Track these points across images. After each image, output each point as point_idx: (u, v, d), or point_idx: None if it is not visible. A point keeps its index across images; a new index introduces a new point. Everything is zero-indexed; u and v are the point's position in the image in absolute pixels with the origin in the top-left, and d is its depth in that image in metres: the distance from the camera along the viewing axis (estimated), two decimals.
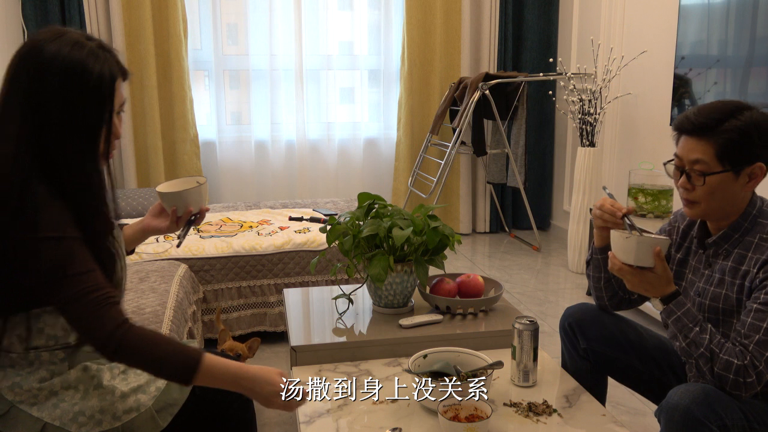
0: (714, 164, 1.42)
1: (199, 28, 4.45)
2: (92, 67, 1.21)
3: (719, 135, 1.41)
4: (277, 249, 2.82)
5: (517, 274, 3.93)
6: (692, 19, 3.12)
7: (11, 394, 1.26)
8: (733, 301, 1.47)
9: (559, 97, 4.38)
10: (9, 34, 3.82)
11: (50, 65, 1.19)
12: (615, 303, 1.75)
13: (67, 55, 1.19)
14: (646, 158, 3.53)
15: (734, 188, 1.44)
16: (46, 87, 1.19)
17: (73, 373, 1.31)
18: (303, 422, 1.47)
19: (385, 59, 4.72)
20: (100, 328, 1.18)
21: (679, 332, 1.43)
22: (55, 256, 1.17)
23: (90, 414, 1.29)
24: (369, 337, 1.85)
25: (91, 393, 1.31)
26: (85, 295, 1.18)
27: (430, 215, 1.94)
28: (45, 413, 1.27)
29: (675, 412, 1.34)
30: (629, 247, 1.43)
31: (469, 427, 1.32)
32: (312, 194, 4.69)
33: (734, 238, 1.49)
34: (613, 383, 1.82)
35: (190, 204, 1.52)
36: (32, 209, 1.16)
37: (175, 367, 1.22)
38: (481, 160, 4.85)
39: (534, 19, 4.67)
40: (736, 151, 1.41)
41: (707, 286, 1.53)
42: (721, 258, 1.51)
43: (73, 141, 1.21)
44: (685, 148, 1.46)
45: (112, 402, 1.31)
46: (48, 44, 1.20)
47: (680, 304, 1.44)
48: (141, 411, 1.33)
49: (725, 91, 2.91)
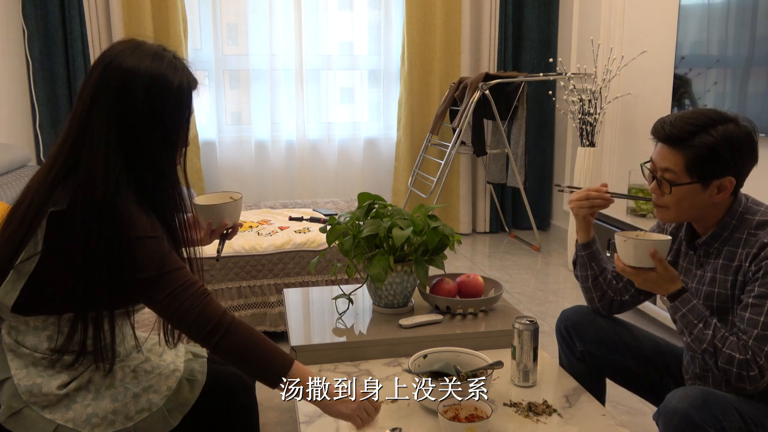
0: (682, 175, 1.45)
1: (199, 28, 4.45)
2: (173, 77, 1.27)
3: (689, 148, 1.43)
4: (277, 249, 2.82)
5: (517, 274, 3.93)
6: (692, 19, 3.12)
7: (28, 395, 1.26)
8: (727, 297, 1.48)
9: (559, 97, 4.38)
10: (9, 34, 3.82)
11: (134, 77, 1.23)
12: (606, 304, 1.75)
13: (148, 66, 1.25)
14: (646, 158, 3.52)
15: (702, 198, 1.46)
16: (131, 99, 1.24)
17: (86, 375, 1.31)
18: (303, 422, 1.46)
19: (385, 59, 4.72)
20: (206, 319, 1.26)
21: (685, 328, 1.46)
22: (152, 254, 1.24)
23: (103, 415, 1.30)
24: (369, 337, 1.85)
25: (103, 393, 1.31)
26: (185, 289, 1.26)
27: (430, 215, 1.94)
28: (57, 415, 1.27)
29: (673, 417, 1.34)
30: (628, 250, 1.47)
31: (469, 427, 1.32)
32: (312, 194, 4.69)
33: (723, 236, 1.50)
34: (612, 384, 1.83)
35: (225, 218, 1.57)
36: (127, 213, 1.22)
37: (271, 365, 1.32)
38: (481, 160, 4.85)
39: (534, 19, 4.67)
40: (704, 165, 1.43)
41: (700, 285, 1.54)
42: (713, 257, 1.52)
43: (159, 148, 1.28)
44: (659, 155, 1.50)
45: (125, 402, 1.32)
46: (128, 57, 1.25)
47: (686, 301, 1.46)
48: (153, 411, 1.34)
49: (725, 91, 2.91)
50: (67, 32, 4.06)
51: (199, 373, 1.43)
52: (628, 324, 1.78)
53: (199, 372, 1.43)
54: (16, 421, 1.26)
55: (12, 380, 1.27)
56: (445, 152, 4.29)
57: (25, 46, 3.98)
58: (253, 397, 1.52)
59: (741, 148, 1.43)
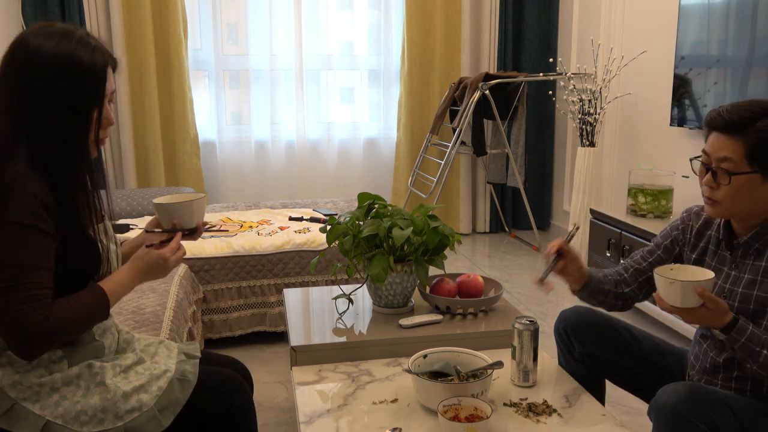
0: (742, 164, 1.38)
1: (199, 28, 4.45)
2: (81, 55, 1.25)
3: (751, 134, 1.36)
4: (277, 249, 2.82)
5: (517, 274, 3.93)
6: (692, 19, 3.12)
7: (13, 392, 1.27)
8: (766, 301, 1.42)
9: (559, 97, 4.38)
10: (9, 34, 3.82)
11: (38, 57, 1.23)
12: (619, 305, 1.73)
13: (54, 46, 1.24)
14: (646, 158, 3.53)
15: (760, 191, 1.40)
16: (36, 78, 1.23)
17: (75, 369, 1.31)
18: (303, 422, 1.46)
19: (385, 59, 4.72)
20: (15, 333, 1.19)
21: (747, 356, 1.38)
22: (5, 242, 1.19)
23: (92, 413, 1.30)
24: (369, 337, 1.85)
25: (93, 390, 1.31)
26: (8, 290, 1.18)
27: (430, 215, 1.94)
28: (47, 411, 1.27)
29: (663, 412, 1.34)
30: (674, 293, 1.37)
31: (469, 427, 1.32)
32: (312, 194, 4.69)
33: (766, 237, 1.44)
34: (612, 384, 1.82)
35: (184, 217, 1.47)
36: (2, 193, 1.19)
37: (95, 318, 1.31)
38: (481, 160, 4.85)
39: (534, 19, 4.67)
40: (766, 153, 1.36)
41: (735, 287, 1.48)
42: (752, 258, 1.46)
43: (62, 127, 1.25)
44: (714, 145, 1.42)
45: (114, 401, 1.31)
46: (34, 38, 1.24)
47: (742, 331, 1.38)
48: (143, 410, 1.33)
49: (725, 91, 2.91)
50: None
51: (191, 374, 1.42)
52: (627, 325, 1.77)
53: (191, 373, 1.43)
54: (8, 419, 1.27)
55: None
56: (445, 152, 4.29)
57: None
58: (249, 400, 1.51)
59: None
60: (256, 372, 2.63)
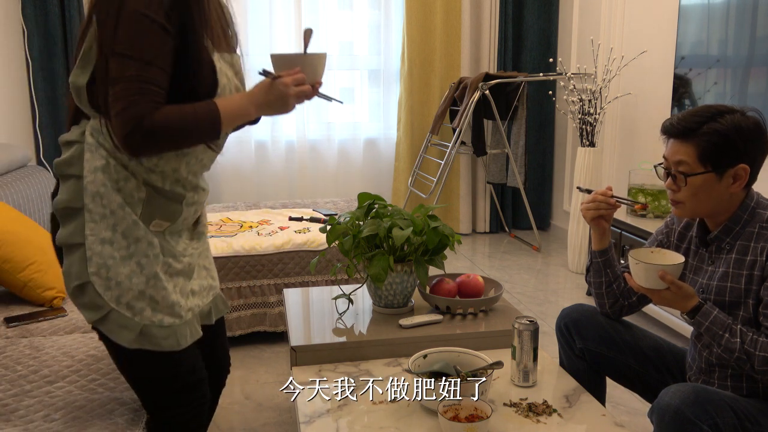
0: (696, 165, 1.47)
1: None
2: None
3: (700, 137, 1.46)
4: (277, 249, 2.82)
5: (517, 274, 3.93)
6: (692, 19, 3.12)
7: (95, 267, 1.29)
8: (740, 292, 1.48)
9: (559, 97, 4.38)
10: (9, 34, 3.82)
11: None
12: (617, 310, 1.76)
13: None
14: (646, 158, 3.53)
15: (718, 189, 1.48)
16: None
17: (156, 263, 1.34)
18: (303, 422, 1.47)
19: (385, 59, 4.72)
20: (123, 123, 1.19)
21: (712, 340, 1.46)
22: (128, 31, 1.18)
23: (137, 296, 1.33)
24: (369, 337, 1.85)
25: (139, 275, 1.33)
26: (123, 80, 1.18)
27: (430, 215, 1.94)
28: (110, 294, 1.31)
29: (666, 413, 1.35)
30: (639, 272, 1.48)
31: (469, 427, 1.32)
32: (312, 194, 4.69)
33: (735, 230, 1.51)
34: (612, 384, 1.83)
35: (306, 71, 1.42)
36: None
37: (203, 131, 1.28)
38: (481, 160, 4.85)
39: (534, 19, 4.67)
40: (716, 153, 1.45)
41: (710, 281, 1.54)
42: (725, 252, 1.53)
43: None
44: (671, 150, 1.52)
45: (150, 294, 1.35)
46: None
47: (706, 314, 1.46)
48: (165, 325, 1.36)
49: (725, 91, 2.91)
50: (67, 32, 4.05)
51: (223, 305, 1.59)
52: (628, 323, 1.79)
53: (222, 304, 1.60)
54: (78, 295, 1.31)
55: (84, 249, 1.29)
56: (445, 152, 4.29)
57: (25, 46, 3.98)
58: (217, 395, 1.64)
59: (750, 136, 1.45)
60: (256, 372, 2.63)
